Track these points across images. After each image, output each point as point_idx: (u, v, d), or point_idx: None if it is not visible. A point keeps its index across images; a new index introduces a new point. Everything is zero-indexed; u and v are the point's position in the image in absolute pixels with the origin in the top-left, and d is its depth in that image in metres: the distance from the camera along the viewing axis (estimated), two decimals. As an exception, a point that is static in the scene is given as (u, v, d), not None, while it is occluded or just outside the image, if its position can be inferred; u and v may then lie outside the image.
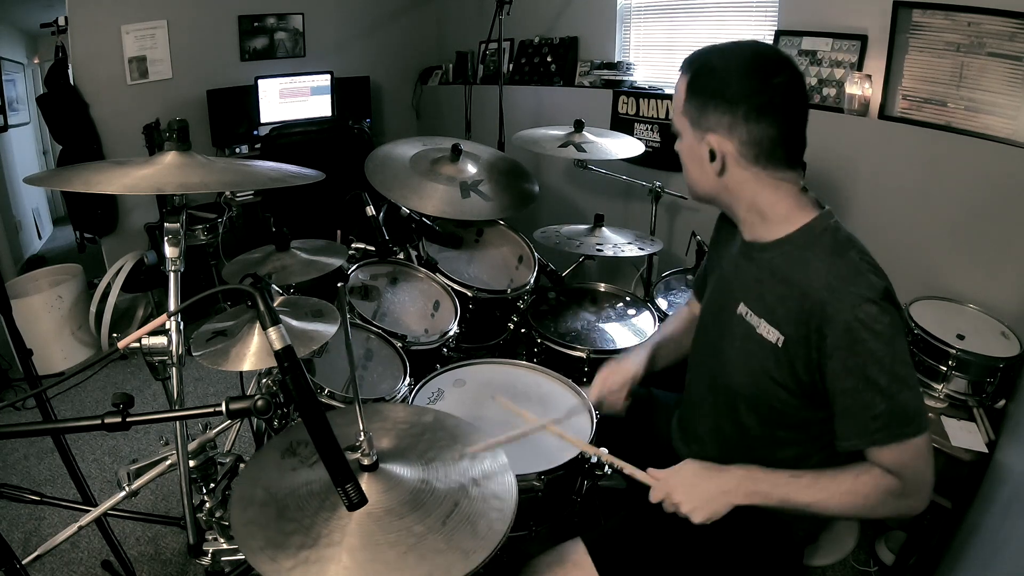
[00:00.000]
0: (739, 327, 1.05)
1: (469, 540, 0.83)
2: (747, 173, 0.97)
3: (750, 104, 0.93)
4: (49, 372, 2.81)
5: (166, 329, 0.94)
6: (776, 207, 0.99)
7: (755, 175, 0.97)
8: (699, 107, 0.96)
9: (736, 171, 0.97)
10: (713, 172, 0.98)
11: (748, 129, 0.93)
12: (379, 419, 1.11)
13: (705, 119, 0.96)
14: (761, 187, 0.98)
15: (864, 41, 2.12)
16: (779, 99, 0.93)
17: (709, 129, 0.96)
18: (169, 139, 1.06)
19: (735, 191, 1.00)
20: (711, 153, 0.97)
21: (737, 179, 0.98)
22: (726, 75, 0.95)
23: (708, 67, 0.97)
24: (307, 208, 2.76)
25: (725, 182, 0.99)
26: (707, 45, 1.00)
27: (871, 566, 1.81)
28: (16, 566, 1.02)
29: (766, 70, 0.93)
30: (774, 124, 0.93)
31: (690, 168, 1.04)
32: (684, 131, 1.01)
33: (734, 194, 1.01)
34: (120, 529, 1.91)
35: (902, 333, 0.90)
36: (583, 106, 3.08)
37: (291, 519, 0.87)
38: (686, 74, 0.99)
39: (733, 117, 0.93)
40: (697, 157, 1.00)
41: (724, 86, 0.94)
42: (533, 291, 2.03)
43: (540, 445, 1.31)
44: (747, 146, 0.95)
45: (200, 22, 3.44)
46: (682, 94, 0.99)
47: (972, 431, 1.53)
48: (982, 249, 1.89)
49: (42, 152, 5.40)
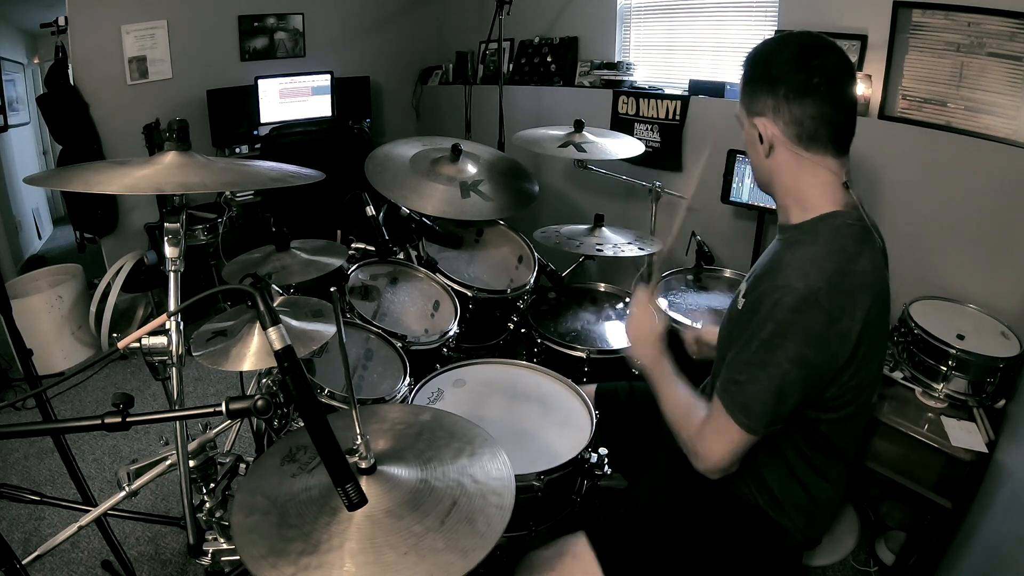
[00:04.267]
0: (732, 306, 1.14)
1: (468, 538, 0.84)
2: (790, 154, 1.01)
3: (789, 84, 0.97)
4: (49, 372, 2.80)
5: (166, 329, 0.94)
6: (810, 193, 1.03)
7: (797, 156, 1.01)
8: (750, 94, 1.03)
9: (781, 152, 1.02)
10: (763, 155, 1.04)
11: (790, 109, 0.98)
12: (376, 420, 1.11)
13: (755, 104, 1.02)
14: (802, 170, 1.02)
15: (864, 41, 2.12)
16: (819, 78, 0.96)
17: (757, 113, 1.02)
18: (169, 139, 1.06)
19: (780, 173, 1.05)
20: (760, 136, 1.02)
21: (781, 160, 1.03)
22: (770, 60, 1.01)
23: (757, 56, 1.03)
24: (307, 208, 2.76)
25: (772, 164, 1.04)
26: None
27: (871, 566, 1.82)
28: (16, 566, 1.02)
29: (807, 52, 0.98)
30: (815, 104, 0.97)
31: (750, 156, 1.10)
32: (743, 120, 1.07)
33: (779, 177, 1.05)
34: (120, 529, 1.91)
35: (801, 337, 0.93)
36: (583, 106, 3.07)
37: (291, 526, 0.87)
38: (743, 68, 1.05)
39: (776, 99, 0.99)
40: (753, 143, 1.06)
41: (768, 69, 1.00)
42: (533, 291, 2.03)
43: (540, 445, 1.31)
44: (790, 126, 0.99)
45: (200, 22, 3.44)
46: (740, 87, 1.06)
47: (972, 431, 1.53)
48: (982, 249, 1.89)
49: (42, 152, 5.40)
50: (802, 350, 0.93)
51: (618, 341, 1.83)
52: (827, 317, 0.92)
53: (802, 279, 0.93)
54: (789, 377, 0.94)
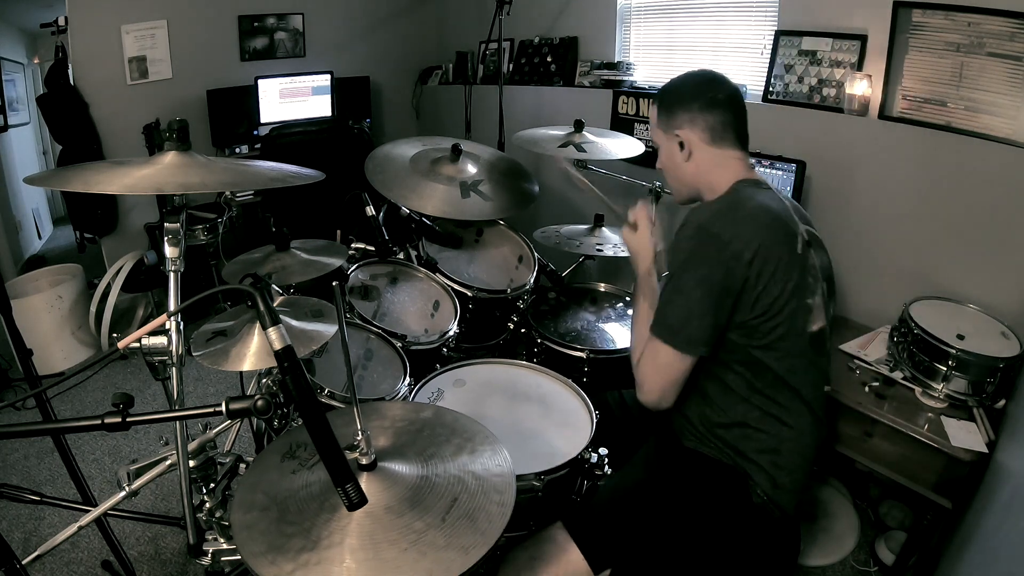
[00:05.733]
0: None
1: (469, 535, 0.84)
2: (707, 153, 1.26)
3: (701, 100, 1.25)
4: (49, 372, 2.80)
5: (166, 329, 0.94)
6: (723, 178, 1.26)
7: (713, 154, 1.26)
8: (667, 115, 1.28)
9: (699, 153, 1.26)
10: (683, 160, 1.28)
11: (704, 118, 1.24)
12: (377, 417, 1.11)
13: (673, 121, 1.28)
14: (717, 164, 1.26)
15: (864, 41, 2.12)
16: (722, 96, 1.25)
17: (677, 127, 1.27)
18: (169, 139, 1.06)
19: (700, 171, 1.28)
20: (680, 144, 1.27)
21: (700, 159, 1.27)
22: (682, 86, 1.30)
23: (670, 87, 1.32)
24: (307, 208, 2.76)
25: (693, 166, 1.28)
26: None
27: (871, 566, 1.82)
28: (16, 566, 1.01)
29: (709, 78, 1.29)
30: (722, 113, 1.24)
31: (668, 168, 1.34)
32: (659, 139, 1.33)
33: (700, 175, 1.28)
34: (120, 529, 1.91)
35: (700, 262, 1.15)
36: (583, 106, 3.07)
37: (291, 522, 0.87)
38: (655, 102, 1.33)
39: (691, 112, 1.25)
40: (671, 154, 1.30)
41: (682, 93, 1.29)
42: (533, 291, 2.03)
43: (540, 445, 1.32)
44: (705, 132, 1.25)
45: (200, 22, 3.44)
46: (654, 113, 1.33)
47: (972, 431, 1.52)
48: (982, 249, 1.88)
49: (42, 152, 5.40)
50: (702, 271, 1.14)
51: (618, 341, 1.83)
52: (718, 241, 1.13)
53: (697, 218, 1.21)
54: (696, 295, 1.14)
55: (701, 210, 1.25)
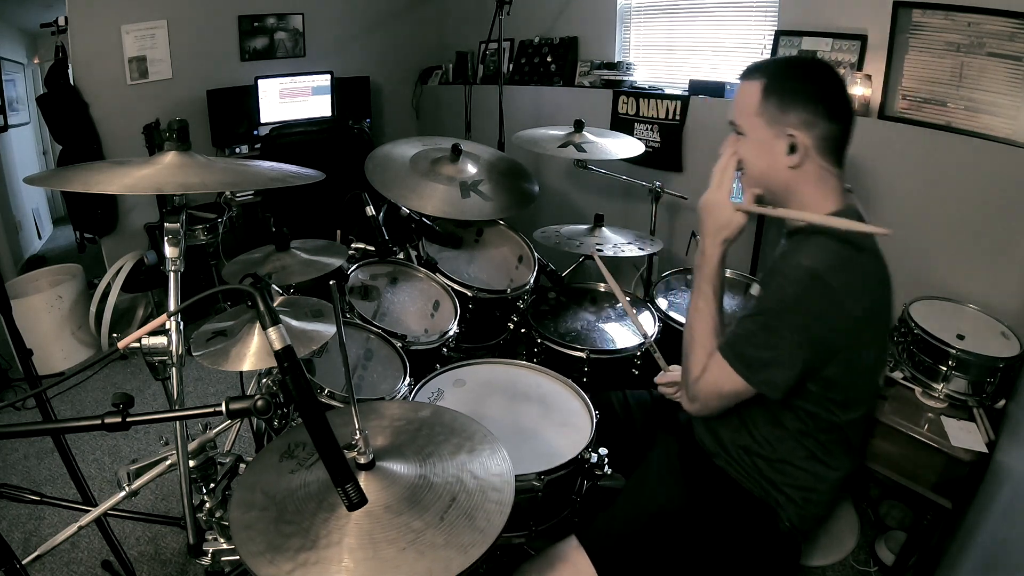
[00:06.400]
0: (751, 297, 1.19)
1: (467, 534, 0.84)
2: (814, 164, 1.08)
3: (831, 104, 1.06)
4: (49, 372, 2.80)
5: (166, 329, 0.94)
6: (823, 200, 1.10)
7: (819, 167, 1.08)
8: (780, 105, 1.06)
9: (809, 163, 1.08)
10: (786, 164, 1.08)
11: (825, 125, 1.06)
12: (376, 417, 1.11)
13: (786, 116, 1.06)
14: (819, 178, 1.09)
15: (864, 41, 2.12)
16: (845, 104, 1.08)
17: (791, 125, 1.06)
18: (169, 139, 1.06)
19: (799, 181, 1.09)
20: (791, 147, 1.07)
21: (808, 170, 1.08)
22: (807, 79, 1.08)
23: (788, 74, 1.10)
24: (307, 208, 2.76)
25: (796, 174, 1.09)
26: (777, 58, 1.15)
27: (871, 566, 1.82)
28: (16, 566, 1.02)
29: (838, 83, 1.09)
30: (840, 124, 1.07)
31: (755, 163, 1.12)
32: (756, 129, 1.10)
33: (799, 186, 1.10)
34: (120, 529, 1.91)
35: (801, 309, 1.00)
36: (583, 106, 3.07)
37: (290, 522, 0.87)
38: (758, 79, 1.09)
39: (814, 115, 1.05)
40: (771, 152, 1.09)
41: (805, 87, 1.07)
42: (533, 291, 2.03)
43: (540, 445, 1.31)
44: (820, 140, 1.06)
45: (200, 22, 3.44)
46: (755, 96, 1.09)
47: (972, 431, 1.53)
48: (982, 249, 1.88)
49: (42, 152, 5.40)
50: (805, 321, 1.00)
51: (618, 341, 1.83)
52: (832, 294, 0.99)
53: (810, 259, 1.01)
54: (789, 343, 1.01)
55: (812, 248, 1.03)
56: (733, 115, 1.14)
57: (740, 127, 1.13)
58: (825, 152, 1.08)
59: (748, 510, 1.17)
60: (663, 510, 1.19)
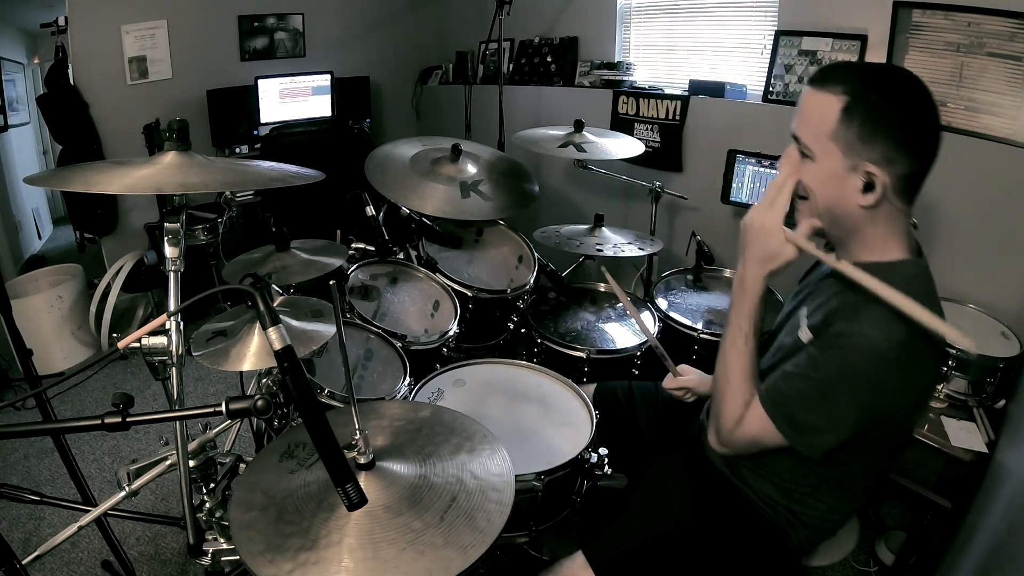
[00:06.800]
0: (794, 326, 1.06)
1: (467, 534, 0.84)
2: (891, 205, 0.93)
3: (920, 136, 0.90)
4: (49, 372, 2.80)
5: (166, 329, 0.94)
6: (889, 241, 0.97)
7: (893, 208, 0.94)
8: (864, 136, 0.89)
9: (883, 204, 0.93)
10: (857, 203, 0.92)
11: (907, 164, 0.90)
12: (376, 417, 1.11)
13: (869, 149, 0.89)
14: (890, 219, 0.95)
15: (864, 41, 2.12)
16: (936, 136, 0.91)
17: (872, 160, 0.90)
18: (169, 139, 1.06)
19: (866, 221, 0.95)
20: (868, 184, 0.91)
21: (879, 212, 0.93)
22: (902, 102, 0.90)
23: (880, 89, 0.90)
24: (307, 208, 2.76)
25: (869, 213, 0.93)
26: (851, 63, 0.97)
27: (871, 566, 1.81)
28: (16, 566, 1.02)
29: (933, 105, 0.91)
30: (925, 163, 0.92)
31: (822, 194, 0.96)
32: (828, 156, 0.93)
33: (864, 224, 0.95)
34: (120, 529, 1.91)
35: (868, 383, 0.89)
36: (583, 106, 3.07)
37: (290, 522, 0.87)
38: (839, 93, 0.91)
39: (898, 152, 0.89)
40: (840, 184, 0.93)
41: (901, 113, 0.89)
42: (533, 291, 2.03)
43: (540, 445, 1.31)
44: (900, 179, 0.91)
45: (200, 22, 3.44)
46: (833, 114, 0.91)
47: (972, 431, 1.53)
48: (982, 249, 1.88)
49: (42, 152, 5.40)
50: (868, 397, 0.91)
51: (618, 341, 1.83)
52: (900, 371, 0.89)
53: (883, 330, 0.88)
54: (847, 417, 0.92)
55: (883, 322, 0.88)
56: (798, 129, 0.97)
57: (808, 148, 0.95)
58: (901, 192, 0.92)
59: (759, 531, 1.13)
60: (671, 529, 1.16)
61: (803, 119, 0.96)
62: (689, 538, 1.15)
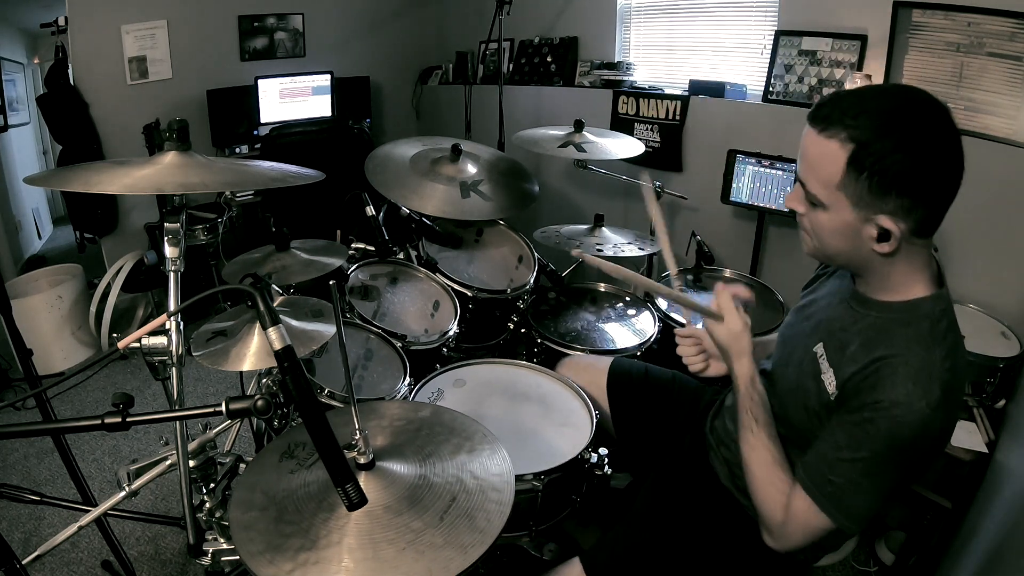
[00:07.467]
0: (810, 364, 1.01)
1: (467, 534, 0.84)
2: (907, 245, 0.89)
3: (942, 193, 0.84)
4: (49, 372, 2.80)
5: (166, 329, 0.94)
6: (909, 276, 0.92)
7: (908, 249, 0.89)
8: (875, 189, 0.83)
9: (903, 247, 0.88)
10: (869, 248, 0.88)
11: (926, 210, 0.85)
12: (375, 417, 1.11)
13: (882, 202, 0.83)
14: (908, 258, 0.91)
15: (864, 41, 2.13)
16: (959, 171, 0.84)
17: (883, 211, 0.84)
18: (169, 139, 1.06)
19: (885, 264, 0.91)
20: (882, 234, 0.86)
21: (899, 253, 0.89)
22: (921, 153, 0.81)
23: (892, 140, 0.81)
24: (307, 208, 2.76)
25: (883, 258, 0.89)
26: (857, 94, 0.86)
27: (871, 566, 1.81)
28: (16, 566, 1.02)
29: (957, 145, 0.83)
30: (947, 202, 0.86)
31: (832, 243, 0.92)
32: (836, 205, 0.87)
33: (883, 266, 0.92)
34: (120, 529, 1.91)
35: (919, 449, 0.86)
36: (583, 106, 3.08)
37: (289, 522, 0.87)
38: (843, 140, 0.83)
39: (920, 202, 0.83)
40: (851, 235, 0.89)
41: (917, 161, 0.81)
42: (533, 291, 2.03)
43: (540, 445, 1.31)
44: (917, 224, 0.85)
45: (200, 22, 3.44)
46: (838, 166, 0.84)
47: (972, 431, 1.53)
48: (982, 249, 1.88)
49: (42, 152, 5.40)
50: (913, 458, 0.88)
51: (618, 341, 1.83)
52: (943, 430, 0.87)
53: (922, 396, 0.83)
54: (893, 480, 0.90)
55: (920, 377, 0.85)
56: (803, 175, 0.91)
57: (815, 198, 0.89)
58: (923, 232, 0.87)
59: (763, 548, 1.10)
60: (670, 542, 1.15)
61: (807, 165, 0.90)
62: (687, 551, 1.14)
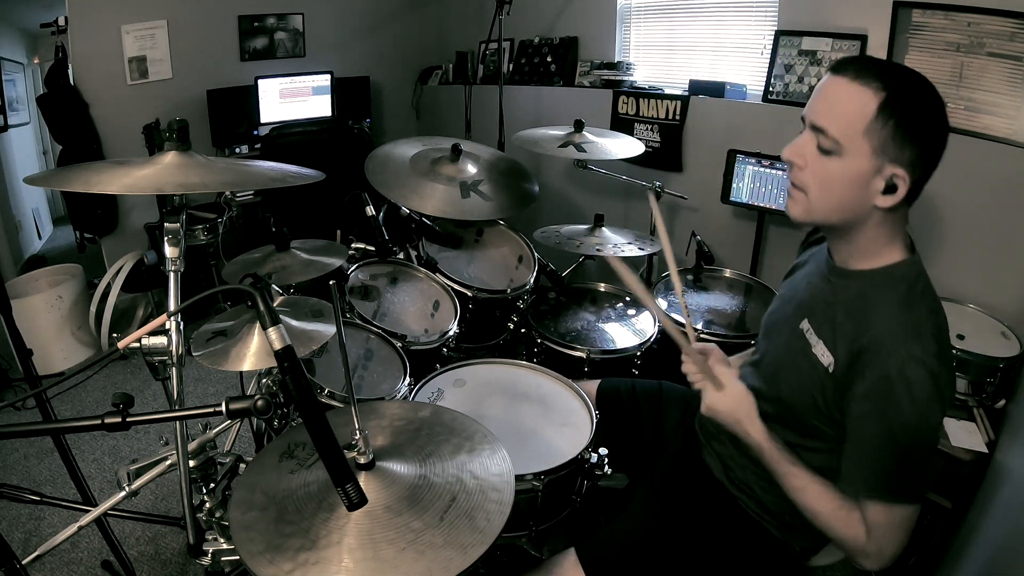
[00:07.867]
0: (797, 342, 1.03)
1: (467, 534, 0.84)
2: (900, 208, 0.92)
3: (939, 151, 0.90)
4: (49, 372, 2.80)
5: (166, 329, 0.94)
6: (890, 243, 0.95)
7: (896, 211, 0.93)
8: (900, 137, 0.86)
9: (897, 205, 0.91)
10: (871, 201, 0.90)
11: (924, 171, 0.90)
12: (375, 417, 1.11)
13: (901, 151, 0.87)
14: (895, 222, 0.94)
15: (864, 41, 2.12)
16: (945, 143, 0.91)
17: (900, 162, 0.87)
18: (169, 139, 1.06)
19: (874, 223, 0.94)
20: (890, 185, 0.89)
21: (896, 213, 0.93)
22: (935, 115, 0.89)
23: (917, 97, 0.88)
24: (307, 208, 2.76)
25: (881, 214, 0.92)
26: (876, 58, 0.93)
27: (871, 566, 1.81)
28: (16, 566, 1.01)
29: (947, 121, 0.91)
30: (933, 170, 0.91)
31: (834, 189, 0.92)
32: (856, 153, 0.88)
33: (868, 227, 0.94)
34: (120, 529, 1.91)
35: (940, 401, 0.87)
36: (583, 106, 3.08)
37: (290, 522, 0.87)
38: (875, 87, 0.86)
39: (924, 159, 0.89)
40: (861, 185, 0.90)
41: (933, 126, 0.89)
42: (533, 291, 2.03)
43: (540, 445, 1.31)
44: (916, 184, 0.90)
45: (200, 22, 3.44)
46: (869, 109, 0.86)
47: (972, 431, 1.53)
48: (982, 249, 1.88)
49: (42, 152, 5.40)
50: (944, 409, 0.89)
51: (618, 341, 1.83)
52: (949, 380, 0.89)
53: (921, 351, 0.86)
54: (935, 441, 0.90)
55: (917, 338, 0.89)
56: (823, 119, 0.90)
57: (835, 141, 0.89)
58: (912, 196, 0.91)
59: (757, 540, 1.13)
60: (665, 535, 1.16)
61: (830, 110, 0.90)
62: (683, 544, 1.14)
